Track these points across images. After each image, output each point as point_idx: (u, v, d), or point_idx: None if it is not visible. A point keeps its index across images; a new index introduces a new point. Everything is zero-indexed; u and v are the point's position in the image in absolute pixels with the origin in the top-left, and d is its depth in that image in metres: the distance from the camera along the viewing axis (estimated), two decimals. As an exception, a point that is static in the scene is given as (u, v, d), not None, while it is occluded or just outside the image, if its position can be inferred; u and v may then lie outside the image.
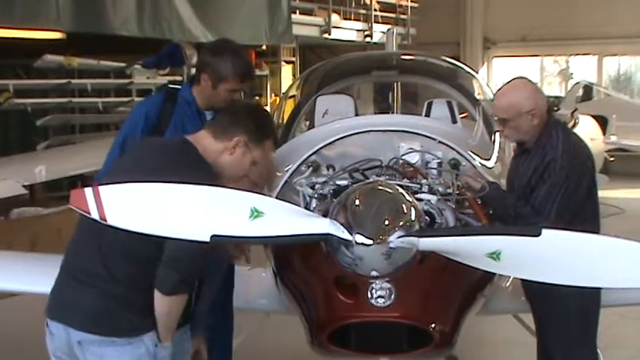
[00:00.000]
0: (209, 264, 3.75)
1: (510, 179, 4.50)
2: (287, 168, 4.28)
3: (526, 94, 4.35)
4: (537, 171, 4.21)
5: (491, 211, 4.12)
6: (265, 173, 4.00)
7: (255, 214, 3.16)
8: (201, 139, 3.79)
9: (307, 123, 5.74)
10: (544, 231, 3.15)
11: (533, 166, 4.25)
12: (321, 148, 4.30)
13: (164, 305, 3.59)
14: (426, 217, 3.57)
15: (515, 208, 4.18)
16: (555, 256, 3.15)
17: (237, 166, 3.79)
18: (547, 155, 4.21)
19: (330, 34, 19.72)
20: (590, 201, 4.40)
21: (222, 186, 3.31)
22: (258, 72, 18.62)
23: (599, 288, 3.89)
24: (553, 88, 24.86)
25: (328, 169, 4.11)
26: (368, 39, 20.75)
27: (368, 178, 3.80)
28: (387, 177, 3.85)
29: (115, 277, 3.57)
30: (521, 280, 4.18)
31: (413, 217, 3.24)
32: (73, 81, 13.95)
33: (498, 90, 4.58)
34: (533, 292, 4.48)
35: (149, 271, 3.53)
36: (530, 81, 4.66)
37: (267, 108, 16.99)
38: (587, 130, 14.35)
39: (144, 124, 4.71)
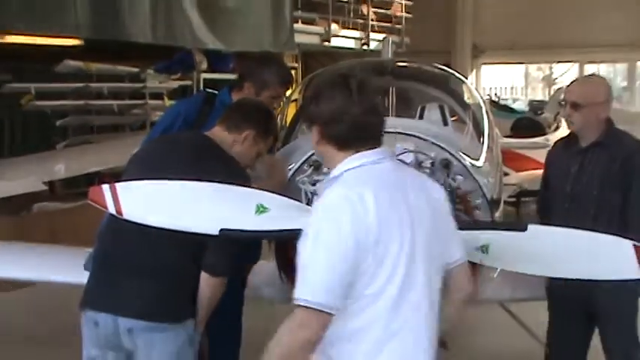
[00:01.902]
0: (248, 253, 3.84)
1: (554, 177, 4.50)
2: (290, 166, 4.28)
3: (603, 89, 4.43)
4: (615, 164, 4.20)
5: None
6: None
7: (261, 209, 3.17)
8: (217, 133, 3.94)
9: (309, 125, 5.74)
10: (530, 226, 3.16)
11: (605, 159, 4.24)
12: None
13: (210, 288, 3.67)
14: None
15: None
16: (541, 249, 3.16)
17: (245, 156, 3.94)
18: (623, 150, 4.25)
19: (329, 42, 19.73)
20: None
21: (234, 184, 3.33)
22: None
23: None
24: (537, 93, 24.86)
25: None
26: (365, 47, 20.74)
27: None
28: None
29: (165, 265, 3.62)
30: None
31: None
32: (91, 85, 13.96)
33: (575, 80, 4.77)
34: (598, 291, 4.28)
35: (196, 259, 3.60)
36: (606, 80, 4.84)
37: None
38: (569, 131, 14.30)
39: (182, 121, 4.82)
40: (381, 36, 18.92)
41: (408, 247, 2.81)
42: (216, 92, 5.11)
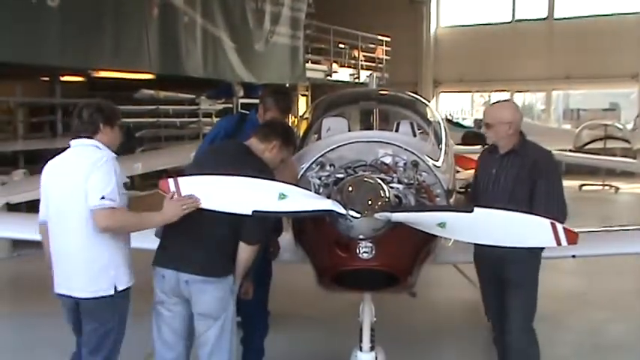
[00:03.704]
0: (271, 232, 4.01)
1: (481, 175, 4.33)
2: (302, 166, 4.26)
3: (508, 111, 4.22)
4: (524, 168, 4.06)
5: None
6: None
7: (282, 196, 3.17)
8: (253, 143, 3.90)
9: (316, 136, 5.72)
10: (476, 209, 3.14)
11: (518, 164, 4.09)
12: (325, 152, 4.27)
13: (247, 252, 3.65)
14: (396, 199, 3.55)
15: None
16: (483, 224, 3.15)
17: (273, 161, 3.89)
18: (530, 157, 4.10)
19: (331, 77, 19.80)
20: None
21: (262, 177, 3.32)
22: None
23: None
24: (480, 114, 24.77)
25: (330, 167, 4.09)
26: (356, 80, 20.78)
27: (357, 173, 3.78)
28: (370, 172, 3.82)
29: (212, 236, 3.60)
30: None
31: (388, 199, 3.24)
32: (160, 107, 14.00)
33: (492, 104, 4.51)
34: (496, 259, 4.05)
35: (235, 232, 3.59)
36: (514, 103, 4.63)
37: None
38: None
39: (223, 134, 4.87)
40: (367, 72, 18.98)
41: None
42: (247, 112, 5.13)
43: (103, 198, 3.46)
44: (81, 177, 3.52)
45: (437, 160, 4.52)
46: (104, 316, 3.64)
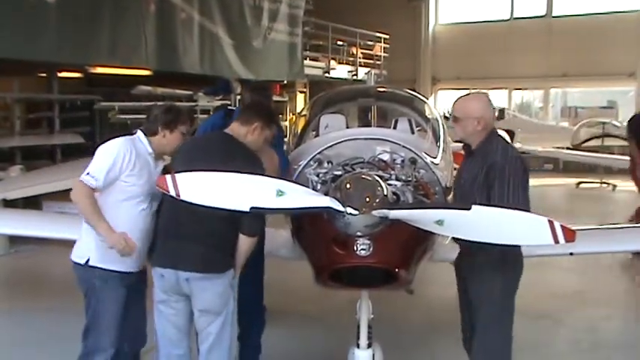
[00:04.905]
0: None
1: (458, 177, 4.05)
2: (300, 163, 4.25)
3: (479, 104, 3.87)
4: (482, 171, 3.71)
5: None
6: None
7: (280, 193, 3.15)
8: (234, 128, 3.91)
9: (314, 133, 5.71)
10: (473, 206, 3.13)
11: (478, 166, 3.76)
12: (323, 149, 4.26)
13: (246, 244, 3.67)
14: (394, 196, 3.55)
15: None
16: (481, 222, 3.14)
17: (256, 143, 3.90)
18: (488, 159, 3.72)
19: (329, 74, 19.76)
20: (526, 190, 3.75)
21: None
22: (280, 98, 18.66)
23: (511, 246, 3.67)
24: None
25: (328, 164, 4.08)
26: (354, 77, 20.75)
27: (355, 170, 3.78)
28: (368, 169, 3.82)
29: (210, 232, 3.61)
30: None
31: (385, 196, 3.23)
32: (158, 103, 13.91)
33: (461, 96, 4.03)
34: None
35: (233, 227, 3.60)
36: (487, 96, 4.05)
37: (287, 123, 17.00)
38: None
39: (210, 128, 4.95)
40: (366, 69, 18.92)
41: None
42: (233, 109, 5.24)
43: (87, 174, 3.69)
44: None
45: (435, 158, 4.51)
46: (80, 286, 3.86)
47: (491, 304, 3.78)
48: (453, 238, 3.65)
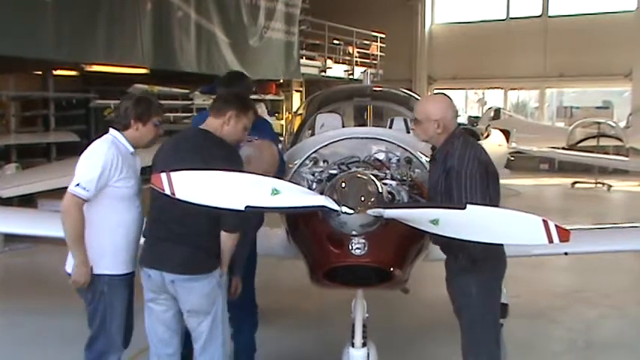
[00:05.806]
0: (251, 219, 3.93)
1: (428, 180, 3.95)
2: (296, 161, 4.24)
3: (439, 106, 3.78)
4: (442, 176, 3.65)
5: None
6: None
7: (275, 192, 3.14)
8: (209, 122, 3.80)
9: (310, 132, 5.71)
10: (468, 206, 3.13)
11: (438, 171, 3.71)
12: (319, 148, 4.26)
13: (229, 240, 3.62)
14: (389, 196, 3.55)
15: None
16: (475, 222, 3.13)
17: (233, 133, 3.77)
18: (447, 163, 3.65)
19: (325, 73, 19.77)
20: (492, 190, 3.68)
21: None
22: (277, 97, 18.66)
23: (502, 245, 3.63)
24: (473, 110, 24.82)
25: (324, 163, 4.08)
26: (351, 76, 20.76)
27: (350, 169, 3.77)
28: (363, 168, 3.82)
29: (198, 232, 3.58)
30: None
31: (381, 195, 3.23)
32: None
33: (423, 97, 3.93)
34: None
35: (216, 225, 3.56)
36: (447, 97, 3.93)
37: (283, 122, 16.99)
38: (496, 139, 14.33)
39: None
40: (362, 69, 18.95)
41: None
42: None
43: (78, 185, 3.61)
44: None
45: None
46: (83, 294, 3.80)
47: (469, 307, 3.75)
48: (432, 239, 3.65)
